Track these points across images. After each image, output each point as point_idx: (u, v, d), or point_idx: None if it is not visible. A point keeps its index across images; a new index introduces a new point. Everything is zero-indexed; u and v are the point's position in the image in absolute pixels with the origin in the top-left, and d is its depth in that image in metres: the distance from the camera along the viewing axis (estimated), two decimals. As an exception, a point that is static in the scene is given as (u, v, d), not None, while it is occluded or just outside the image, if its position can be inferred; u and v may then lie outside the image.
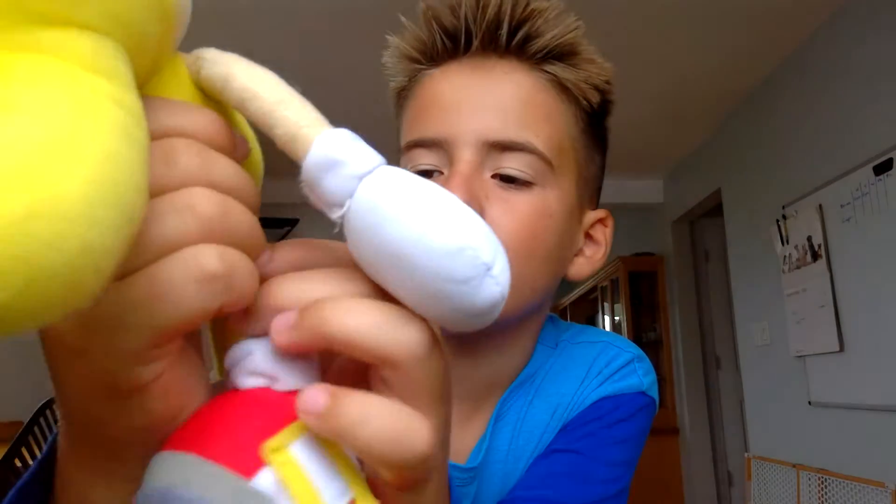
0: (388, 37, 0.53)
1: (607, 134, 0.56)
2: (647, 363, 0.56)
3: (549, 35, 0.48)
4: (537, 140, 0.47)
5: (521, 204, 0.47)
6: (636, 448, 0.53)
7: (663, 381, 3.93)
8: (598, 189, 0.56)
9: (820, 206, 2.36)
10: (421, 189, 0.20)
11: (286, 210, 3.72)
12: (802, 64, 2.53)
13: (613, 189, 3.90)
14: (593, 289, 5.05)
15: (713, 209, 3.49)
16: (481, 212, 0.45)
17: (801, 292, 2.47)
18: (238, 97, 0.21)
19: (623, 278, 4.23)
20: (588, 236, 0.54)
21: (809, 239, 2.43)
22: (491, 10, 0.48)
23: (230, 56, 0.22)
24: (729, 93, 2.94)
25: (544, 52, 0.48)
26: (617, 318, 4.51)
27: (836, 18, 2.31)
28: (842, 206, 2.25)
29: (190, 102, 0.21)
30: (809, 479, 2.28)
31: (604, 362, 0.54)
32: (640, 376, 0.54)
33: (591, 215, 0.54)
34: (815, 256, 2.38)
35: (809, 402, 2.46)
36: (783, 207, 2.62)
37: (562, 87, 0.49)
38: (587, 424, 0.52)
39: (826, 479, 2.20)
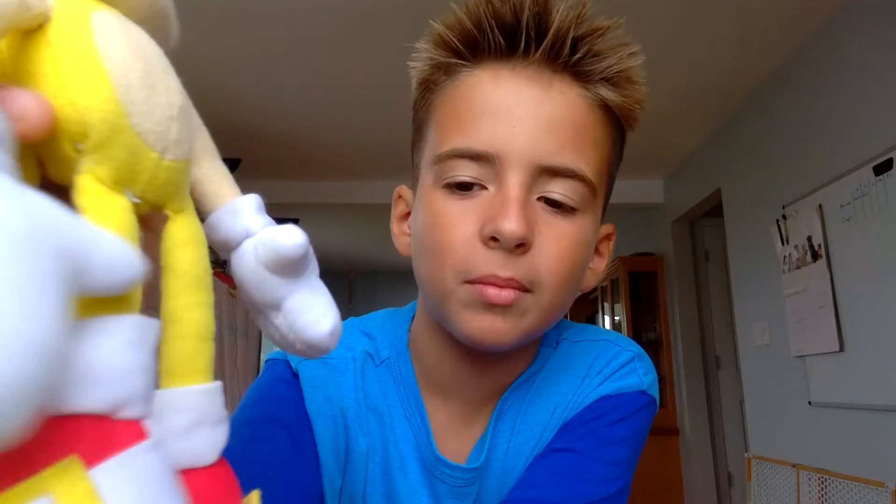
0: (432, 22, 0.49)
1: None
2: (647, 362, 0.56)
3: (613, 58, 0.46)
4: (587, 167, 0.46)
5: (565, 232, 0.46)
6: (636, 447, 0.53)
7: (663, 381, 3.93)
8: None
9: (820, 206, 2.36)
10: None
11: (286, 210, 3.72)
12: (802, 64, 2.53)
13: (613, 189, 3.89)
14: (593, 289, 5.05)
15: (713, 209, 3.48)
16: (533, 239, 0.44)
17: (801, 292, 2.47)
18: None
19: (623, 278, 4.23)
20: (595, 250, 0.54)
21: (809, 239, 2.42)
22: (556, 20, 0.45)
23: None
24: (729, 93, 2.93)
25: (601, 75, 0.46)
26: (617, 318, 4.51)
27: (835, 19, 2.30)
28: (842, 206, 2.24)
29: None
30: (809, 479, 2.28)
31: (604, 361, 0.54)
32: (640, 375, 0.54)
33: (602, 230, 0.54)
34: (815, 256, 2.38)
35: (809, 402, 2.46)
36: (783, 207, 2.62)
37: (607, 109, 0.48)
38: (587, 423, 0.51)
39: (826, 479, 2.20)
